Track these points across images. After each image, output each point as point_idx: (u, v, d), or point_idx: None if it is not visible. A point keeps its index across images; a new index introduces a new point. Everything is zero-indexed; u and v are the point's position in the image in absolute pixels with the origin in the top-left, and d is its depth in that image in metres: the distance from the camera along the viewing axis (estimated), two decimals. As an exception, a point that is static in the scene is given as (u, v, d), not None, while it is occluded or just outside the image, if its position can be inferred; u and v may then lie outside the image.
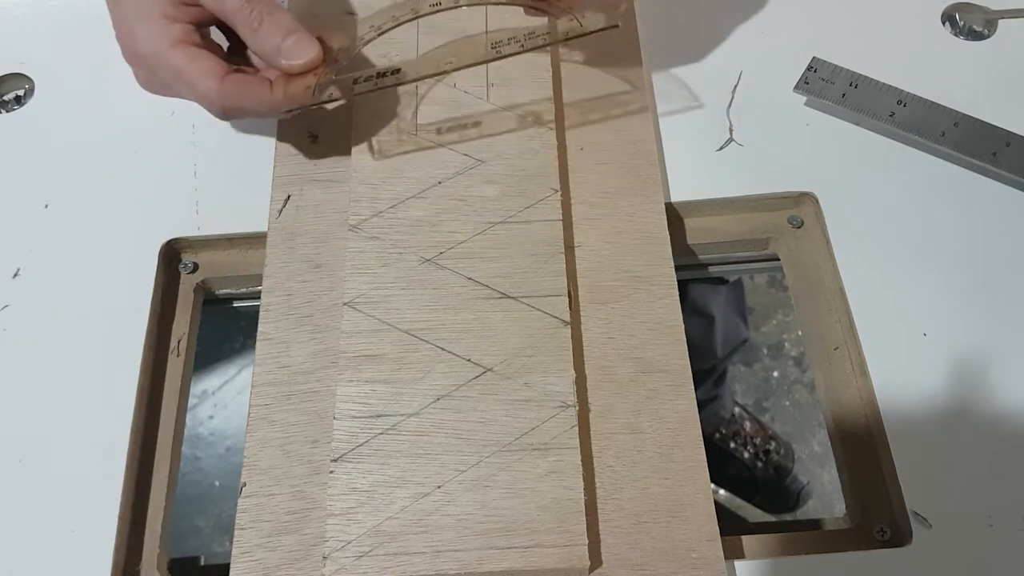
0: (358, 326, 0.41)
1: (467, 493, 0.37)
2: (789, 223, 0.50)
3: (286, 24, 0.40)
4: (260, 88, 0.40)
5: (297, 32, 0.40)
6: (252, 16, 0.40)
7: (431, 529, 0.37)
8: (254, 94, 0.40)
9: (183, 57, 0.40)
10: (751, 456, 1.21)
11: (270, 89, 0.40)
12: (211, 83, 0.39)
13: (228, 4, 0.40)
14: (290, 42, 0.40)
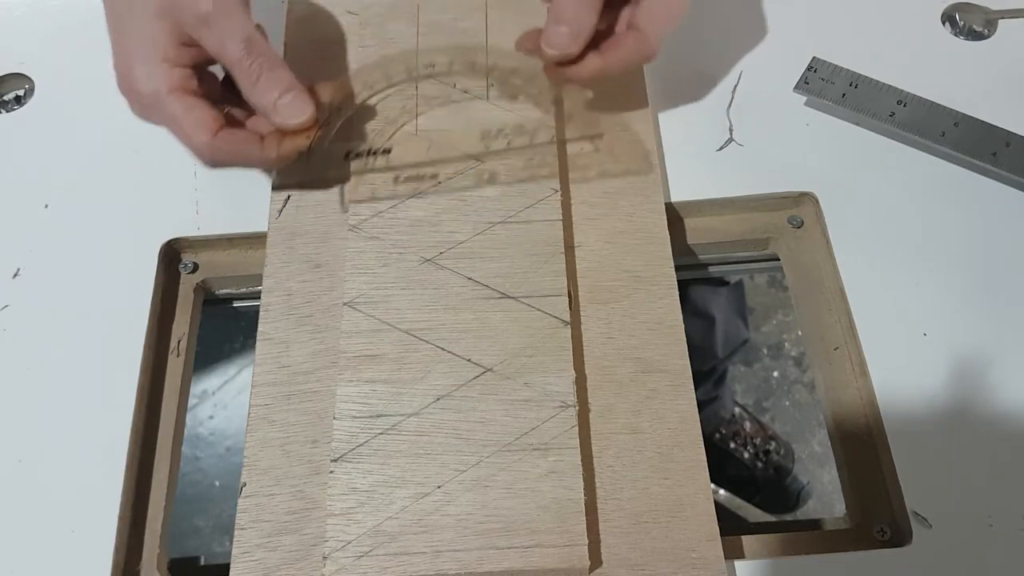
0: (358, 326, 0.41)
1: (467, 493, 0.37)
2: (789, 223, 0.50)
3: (284, 81, 0.40)
4: (251, 146, 0.41)
5: (294, 91, 0.40)
6: (251, 69, 0.40)
7: (431, 529, 0.37)
8: (245, 151, 0.41)
9: (179, 106, 0.40)
10: (751, 456, 1.21)
11: (261, 147, 0.41)
12: (203, 137, 0.40)
13: (229, 54, 0.40)
14: (286, 100, 0.40)
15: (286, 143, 0.41)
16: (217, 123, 0.40)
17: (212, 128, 0.40)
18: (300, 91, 0.41)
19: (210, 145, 0.40)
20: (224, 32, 0.39)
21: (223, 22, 0.39)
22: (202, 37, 0.40)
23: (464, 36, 0.49)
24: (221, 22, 0.39)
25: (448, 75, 0.45)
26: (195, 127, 0.39)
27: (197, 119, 0.40)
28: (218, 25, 0.39)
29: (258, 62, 0.40)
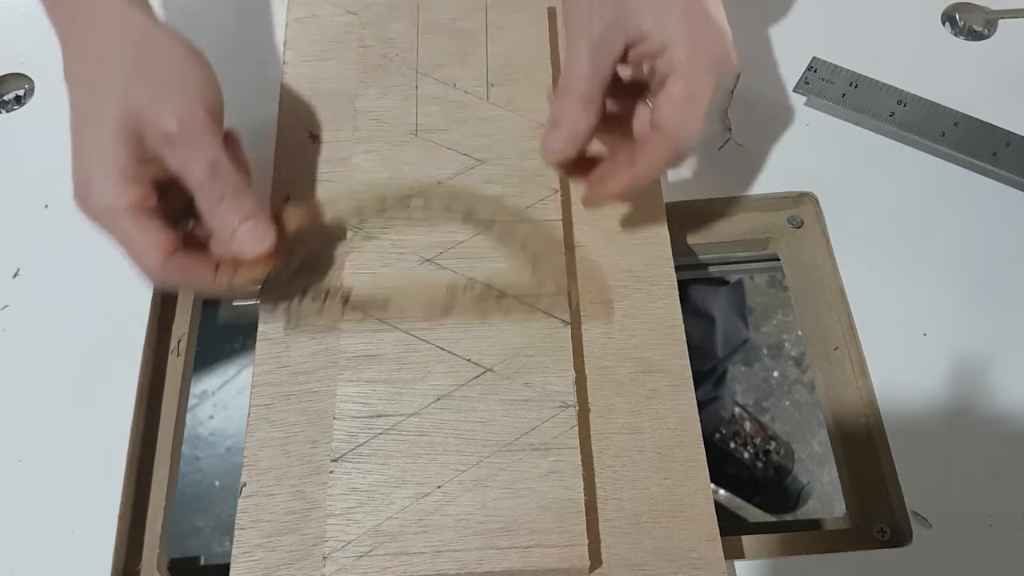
0: (358, 326, 0.41)
1: (467, 493, 0.37)
2: (789, 223, 0.50)
3: (246, 208, 0.38)
4: (203, 273, 0.38)
5: (255, 219, 0.38)
6: (213, 192, 0.37)
7: (431, 529, 0.37)
8: (196, 279, 0.38)
9: (133, 226, 0.37)
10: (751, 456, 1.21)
11: (214, 276, 0.38)
12: (154, 261, 0.37)
13: (193, 175, 0.37)
14: (246, 227, 0.38)
15: (240, 273, 0.38)
16: (171, 245, 0.37)
17: (164, 251, 0.37)
18: (261, 219, 0.38)
19: (161, 269, 0.37)
20: (189, 154, 0.37)
21: (188, 144, 0.37)
22: (165, 156, 0.37)
23: (464, 36, 0.49)
24: (186, 144, 0.37)
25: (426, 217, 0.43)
26: (147, 250, 0.37)
27: (150, 242, 0.37)
28: (183, 147, 0.37)
29: (221, 187, 0.37)
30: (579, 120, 0.39)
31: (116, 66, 0.38)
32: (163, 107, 0.37)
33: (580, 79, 0.39)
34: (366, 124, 0.47)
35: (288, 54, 0.51)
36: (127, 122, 0.37)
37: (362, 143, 0.46)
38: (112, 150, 0.37)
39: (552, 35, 0.50)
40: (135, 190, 0.37)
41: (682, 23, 0.38)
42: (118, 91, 0.37)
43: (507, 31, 0.50)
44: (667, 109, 0.38)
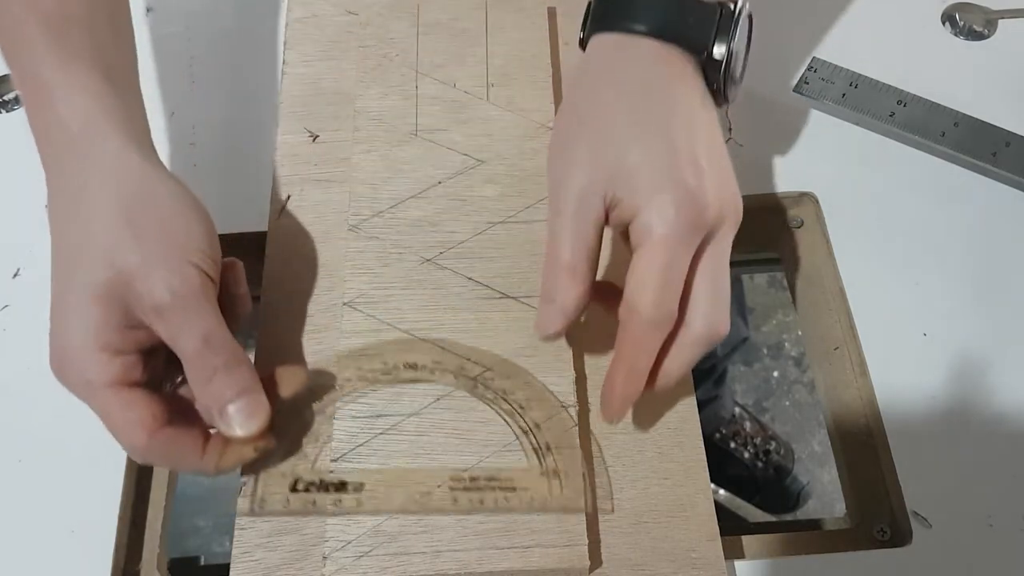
0: (358, 326, 0.41)
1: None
2: (789, 223, 0.50)
3: (240, 383, 0.35)
4: (190, 452, 0.35)
5: (249, 394, 0.35)
6: (205, 366, 0.34)
7: (431, 529, 0.37)
8: (182, 457, 0.35)
9: (115, 403, 0.34)
10: (751, 456, 1.21)
11: (201, 454, 0.35)
12: (138, 438, 0.34)
13: (184, 347, 0.34)
14: (239, 404, 0.34)
15: (229, 454, 0.35)
16: (157, 422, 0.34)
17: (149, 428, 0.34)
18: (254, 394, 0.35)
19: (145, 447, 0.34)
20: (181, 326, 0.34)
21: (181, 315, 0.34)
22: (154, 326, 0.34)
23: (464, 36, 0.49)
24: (178, 315, 0.34)
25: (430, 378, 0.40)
26: (130, 427, 0.34)
27: (133, 418, 0.34)
28: (174, 318, 0.34)
29: (214, 361, 0.34)
30: (567, 292, 0.36)
31: (104, 219, 0.34)
32: (154, 274, 0.34)
33: (563, 248, 0.36)
34: (366, 124, 0.47)
35: (288, 54, 0.51)
36: (112, 288, 0.34)
37: (362, 143, 0.46)
38: (92, 319, 0.34)
39: (552, 35, 0.50)
40: (117, 363, 0.34)
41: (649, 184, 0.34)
42: (104, 251, 0.34)
43: (507, 31, 0.50)
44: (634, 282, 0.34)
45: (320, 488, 0.37)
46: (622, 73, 0.37)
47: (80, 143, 0.36)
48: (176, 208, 0.36)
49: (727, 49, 0.37)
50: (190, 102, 0.55)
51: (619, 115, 0.36)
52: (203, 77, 0.56)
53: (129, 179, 0.36)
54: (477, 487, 0.37)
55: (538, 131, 0.47)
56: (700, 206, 0.34)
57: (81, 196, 0.35)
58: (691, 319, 0.35)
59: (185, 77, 0.56)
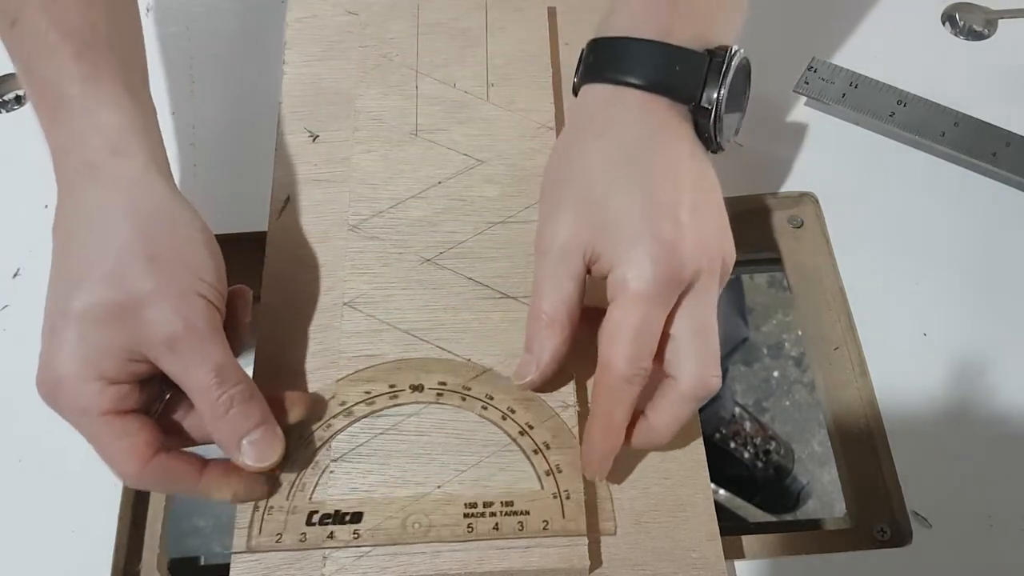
0: (358, 326, 0.41)
1: (467, 493, 0.37)
2: (789, 223, 0.50)
3: (256, 416, 0.34)
4: (186, 480, 0.35)
5: (265, 426, 0.35)
6: (220, 401, 0.33)
7: (431, 529, 0.37)
8: (176, 484, 0.35)
9: (108, 432, 0.33)
10: (751, 456, 1.21)
11: (198, 480, 0.35)
12: (132, 468, 0.33)
13: (196, 382, 0.33)
14: (255, 437, 0.34)
15: (233, 483, 0.36)
16: (151, 449, 0.33)
17: (144, 457, 0.33)
18: (270, 426, 0.35)
19: (138, 476, 0.33)
20: (192, 359, 0.33)
21: (192, 348, 0.33)
22: (162, 361, 0.33)
23: (464, 36, 0.49)
24: (190, 348, 0.33)
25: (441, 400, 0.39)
26: (123, 456, 0.33)
27: (127, 447, 0.33)
28: (186, 350, 0.33)
29: (229, 393, 0.33)
30: (543, 344, 0.36)
31: (119, 241, 0.33)
32: (166, 303, 0.33)
33: (543, 301, 0.36)
34: (366, 124, 0.47)
35: (288, 54, 0.51)
36: (119, 312, 0.33)
37: (362, 143, 0.46)
38: (91, 347, 0.33)
39: (552, 35, 0.50)
40: (113, 390, 0.33)
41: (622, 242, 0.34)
42: (116, 273, 0.33)
43: (507, 31, 0.50)
44: (605, 335, 0.34)
45: (323, 521, 0.36)
46: (608, 125, 0.37)
47: (101, 164, 0.35)
48: (191, 236, 0.36)
49: (716, 97, 0.37)
50: (190, 102, 0.55)
51: (601, 169, 0.36)
52: (203, 77, 0.56)
53: (149, 203, 0.35)
54: (491, 512, 0.37)
55: (538, 131, 0.47)
56: (677, 261, 0.34)
57: (96, 215, 0.34)
58: (678, 375, 0.35)
59: (185, 77, 0.56)
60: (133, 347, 0.33)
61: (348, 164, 0.46)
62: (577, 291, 0.36)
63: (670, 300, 0.34)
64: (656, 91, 0.37)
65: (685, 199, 0.35)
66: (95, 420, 0.33)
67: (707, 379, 0.35)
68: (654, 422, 0.36)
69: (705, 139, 0.38)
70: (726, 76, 0.37)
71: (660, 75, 0.37)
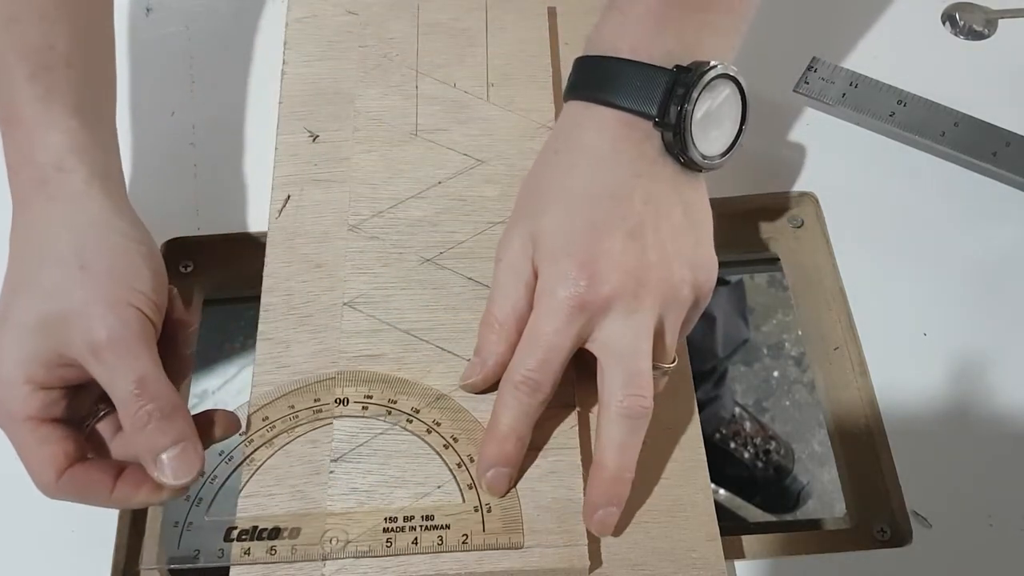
0: (358, 326, 0.41)
1: (467, 493, 0.37)
2: (789, 223, 0.50)
3: (174, 432, 0.34)
4: (98, 490, 0.35)
5: (184, 443, 0.34)
6: (140, 414, 0.33)
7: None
8: (91, 495, 0.35)
9: (29, 437, 0.34)
10: (751, 456, 1.21)
11: (110, 492, 0.35)
12: (48, 476, 0.34)
13: (117, 392, 0.34)
14: (173, 453, 0.34)
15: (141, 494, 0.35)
16: (68, 460, 0.34)
17: (60, 467, 0.34)
18: (190, 443, 0.34)
19: (54, 487, 0.34)
20: (116, 368, 0.34)
21: (116, 357, 0.34)
22: (89, 367, 0.34)
23: (464, 36, 0.49)
24: (114, 356, 0.33)
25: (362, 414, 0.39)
26: (41, 464, 0.34)
27: (45, 456, 0.34)
28: (109, 359, 0.33)
29: (149, 407, 0.33)
30: (491, 347, 0.37)
31: (55, 256, 0.35)
32: (93, 313, 0.34)
33: (493, 306, 0.38)
34: (366, 124, 0.47)
35: (288, 54, 0.51)
36: (49, 322, 0.34)
37: (362, 143, 0.46)
38: (21, 351, 0.34)
39: (552, 35, 0.50)
40: (40, 396, 0.34)
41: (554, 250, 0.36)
42: (49, 286, 0.34)
43: (507, 31, 0.50)
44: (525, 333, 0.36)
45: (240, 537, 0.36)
46: (567, 142, 0.38)
47: (47, 180, 0.36)
48: (126, 247, 0.36)
49: (680, 111, 0.36)
50: (190, 102, 0.55)
51: (549, 185, 0.38)
52: (203, 77, 0.56)
53: (86, 216, 0.36)
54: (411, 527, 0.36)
55: (538, 131, 0.47)
56: (589, 283, 0.35)
57: (39, 228, 0.36)
58: (602, 396, 0.36)
59: (185, 77, 0.56)
60: (61, 351, 0.34)
61: (348, 164, 0.46)
62: (525, 298, 0.37)
63: (578, 319, 0.35)
64: (620, 108, 0.37)
65: (626, 220, 0.36)
66: (20, 425, 0.34)
67: (628, 401, 0.35)
68: (599, 443, 0.36)
69: (675, 156, 0.37)
70: (691, 91, 0.36)
71: (622, 92, 0.37)
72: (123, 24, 0.57)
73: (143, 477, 0.35)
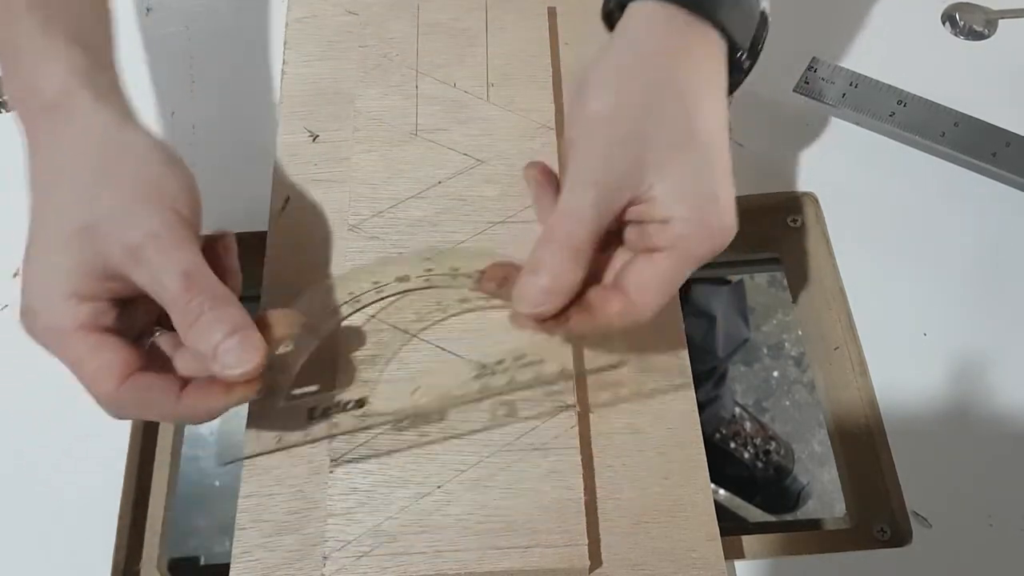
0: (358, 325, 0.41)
1: (467, 493, 0.37)
2: (789, 223, 0.50)
3: (229, 320, 0.32)
4: (164, 398, 0.33)
5: (241, 332, 0.32)
6: (190, 307, 0.32)
7: (431, 529, 0.37)
8: (155, 405, 0.33)
9: (83, 347, 0.32)
10: (751, 456, 1.21)
11: (176, 400, 0.33)
12: (107, 386, 0.32)
13: (165, 290, 0.32)
14: (230, 343, 0.32)
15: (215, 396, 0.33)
16: (128, 368, 0.33)
17: (120, 375, 0.32)
18: (248, 332, 0.33)
19: (114, 397, 0.32)
20: (160, 265, 0.32)
21: (158, 253, 0.32)
22: (130, 272, 0.33)
23: (464, 36, 0.49)
24: (156, 253, 0.32)
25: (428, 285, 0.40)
26: (99, 373, 0.32)
27: (103, 363, 0.32)
28: (151, 259, 0.32)
29: (199, 299, 0.32)
30: (566, 275, 0.34)
31: (79, 169, 0.34)
32: (127, 217, 0.33)
33: (578, 229, 0.34)
34: (366, 124, 0.47)
35: (288, 54, 0.51)
36: (86, 232, 0.33)
37: (362, 143, 0.46)
38: (62, 265, 0.33)
39: (552, 35, 0.50)
40: (87, 307, 0.33)
41: (693, 203, 0.34)
42: (79, 198, 0.34)
43: (507, 31, 0.50)
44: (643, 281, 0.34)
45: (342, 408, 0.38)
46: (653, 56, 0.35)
47: (57, 105, 0.35)
48: (154, 157, 0.35)
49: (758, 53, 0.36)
50: (190, 102, 0.55)
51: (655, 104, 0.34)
52: (203, 77, 0.56)
53: (104, 132, 0.35)
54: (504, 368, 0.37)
55: (538, 131, 0.47)
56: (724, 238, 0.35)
57: (56, 153, 0.35)
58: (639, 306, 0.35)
59: (185, 77, 0.56)
60: (102, 263, 0.33)
61: (348, 164, 0.46)
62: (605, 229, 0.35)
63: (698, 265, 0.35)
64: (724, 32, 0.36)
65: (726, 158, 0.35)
66: (70, 336, 0.33)
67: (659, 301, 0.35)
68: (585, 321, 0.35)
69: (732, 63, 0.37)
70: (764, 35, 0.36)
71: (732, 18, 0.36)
72: (123, 24, 0.57)
73: (210, 384, 0.33)
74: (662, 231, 0.34)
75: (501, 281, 0.37)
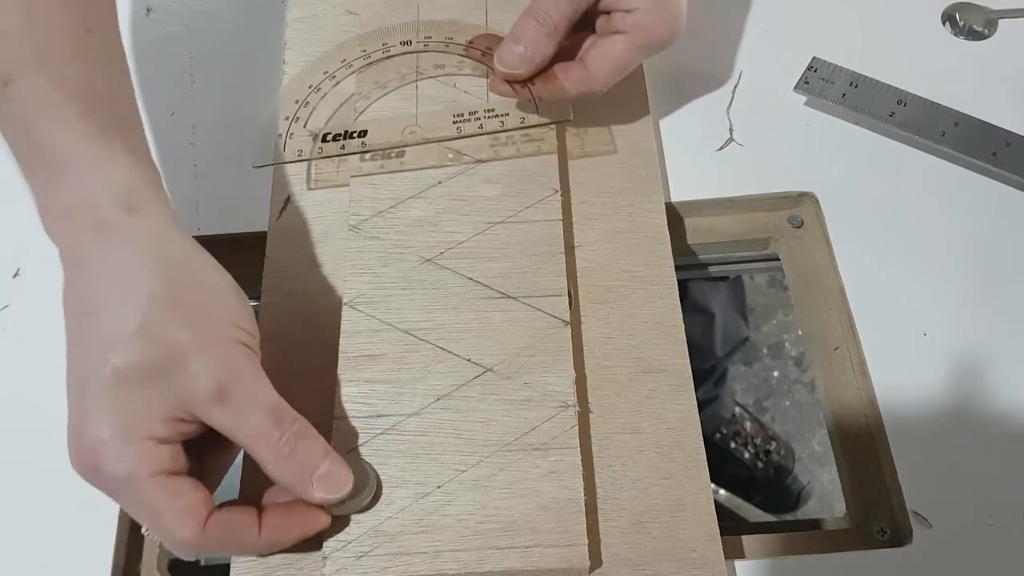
0: (358, 326, 0.41)
1: (467, 493, 0.37)
2: (789, 223, 0.50)
3: (321, 448, 0.33)
4: (247, 534, 0.33)
5: (330, 455, 0.34)
6: (285, 439, 0.32)
7: (431, 529, 0.37)
8: (238, 542, 0.33)
9: (162, 494, 0.31)
10: (751, 456, 1.21)
11: (258, 533, 0.33)
12: (192, 529, 0.31)
13: (251, 427, 0.32)
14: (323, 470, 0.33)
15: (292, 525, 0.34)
16: (207, 509, 0.32)
17: (200, 517, 0.31)
18: (335, 455, 0.34)
19: (199, 541, 0.31)
20: (245, 406, 0.32)
21: (243, 395, 0.32)
22: (212, 415, 0.32)
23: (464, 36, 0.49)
24: (241, 396, 0.32)
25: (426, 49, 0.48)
26: (180, 520, 0.31)
27: (183, 508, 0.31)
28: (238, 398, 0.32)
29: (292, 431, 0.32)
30: (540, 47, 0.42)
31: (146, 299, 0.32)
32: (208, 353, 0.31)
33: (556, 10, 0.42)
34: (366, 123, 0.47)
35: (288, 54, 0.51)
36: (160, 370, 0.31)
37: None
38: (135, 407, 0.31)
39: (552, 35, 0.50)
40: (164, 450, 0.31)
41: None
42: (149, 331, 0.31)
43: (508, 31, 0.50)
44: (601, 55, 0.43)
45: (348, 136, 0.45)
46: None
47: (115, 220, 0.33)
48: (218, 285, 0.34)
49: None
50: (190, 102, 0.55)
51: None
52: (203, 77, 0.56)
53: (171, 256, 0.33)
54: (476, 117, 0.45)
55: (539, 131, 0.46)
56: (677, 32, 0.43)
57: (116, 275, 0.32)
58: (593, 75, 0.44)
59: (185, 77, 0.56)
60: (179, 404, 0.31)
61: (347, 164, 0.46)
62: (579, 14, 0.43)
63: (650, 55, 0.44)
64: None
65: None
66: (147, 482, 0.31)
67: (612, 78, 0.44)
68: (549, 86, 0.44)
69: None
70: None
71: None
72: (123, 24, 0.57)
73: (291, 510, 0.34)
74: (624, 18, 0.42)
75: (486, 50, 0.47)
